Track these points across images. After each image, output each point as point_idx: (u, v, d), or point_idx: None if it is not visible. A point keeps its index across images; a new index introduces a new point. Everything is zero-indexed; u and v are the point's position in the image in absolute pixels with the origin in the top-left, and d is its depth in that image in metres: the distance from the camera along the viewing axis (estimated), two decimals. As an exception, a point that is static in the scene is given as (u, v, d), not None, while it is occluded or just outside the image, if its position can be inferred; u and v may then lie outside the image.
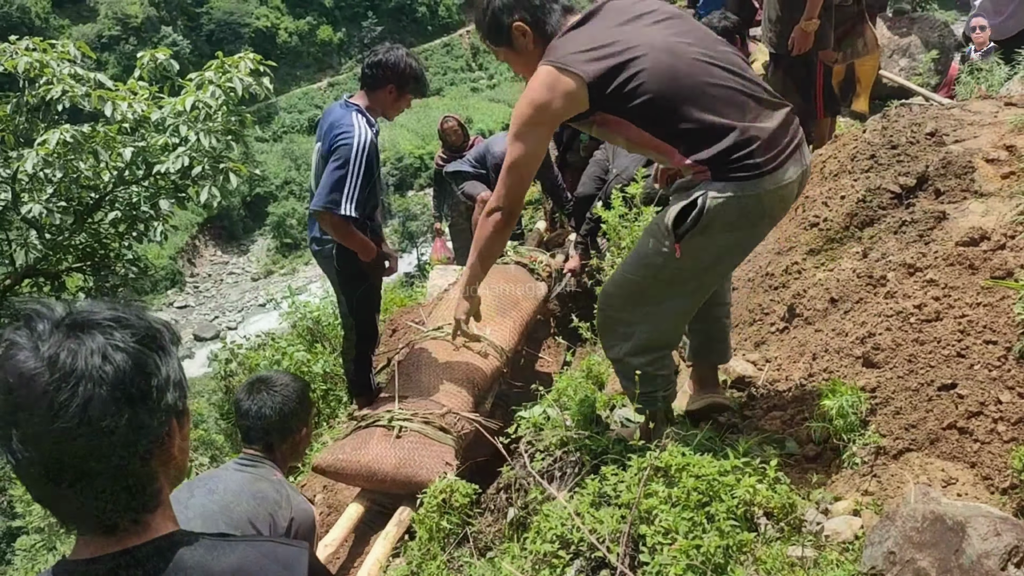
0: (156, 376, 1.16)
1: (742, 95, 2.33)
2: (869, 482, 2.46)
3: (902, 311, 2.75)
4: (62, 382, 1.08)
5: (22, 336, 1.12)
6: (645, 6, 2.45)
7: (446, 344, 4.27)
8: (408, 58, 3.90)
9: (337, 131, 3.78)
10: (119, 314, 1.17)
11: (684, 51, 2.32)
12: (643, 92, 2.28)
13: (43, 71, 5.95)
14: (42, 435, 1.08)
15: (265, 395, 2.65)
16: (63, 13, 61.28)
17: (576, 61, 2.31)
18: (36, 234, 6.48)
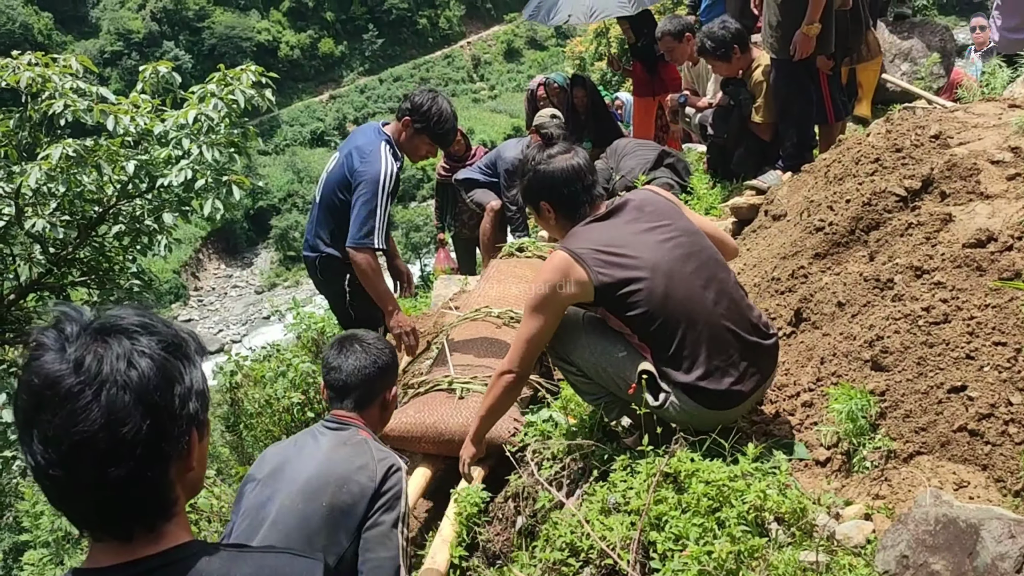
0: (179, 384, 1.16)
1: (728, 332, 2.57)
2: (880, 486, 2.45)
3: (910, 314, 2.73)
4: (86, 385, 1.08)
5: (49, 338, 1.12)
6: (662, 216, 2.69)
7: (488, 323, 4.31)
8: (439, 101, 3.94)
9: (362, 159, 3.82)
10: (146, 320, 1.18)
11: (684, 280, 2.57)
12: (640, 308, 2.54)
13: (45, 86, 5.96)
14: (63, 437, 1.07)
15: (359, 347, 2.61)
16: (66, 29, 61.61)
17: (590, 259, 2.57)
18: (40, 248, 6.48)
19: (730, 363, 2.57)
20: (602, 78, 19.18)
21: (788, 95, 4.73)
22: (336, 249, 4.02)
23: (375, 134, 3.94)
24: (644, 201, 2.74)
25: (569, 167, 2.71)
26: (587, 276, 2.55)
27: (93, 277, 6.96)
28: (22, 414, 1.12)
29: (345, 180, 3.88)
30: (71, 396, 1.08)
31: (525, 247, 5.35)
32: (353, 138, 4.05)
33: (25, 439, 1.11)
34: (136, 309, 1.21)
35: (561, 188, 2.72)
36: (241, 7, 67.66)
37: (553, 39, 77.38)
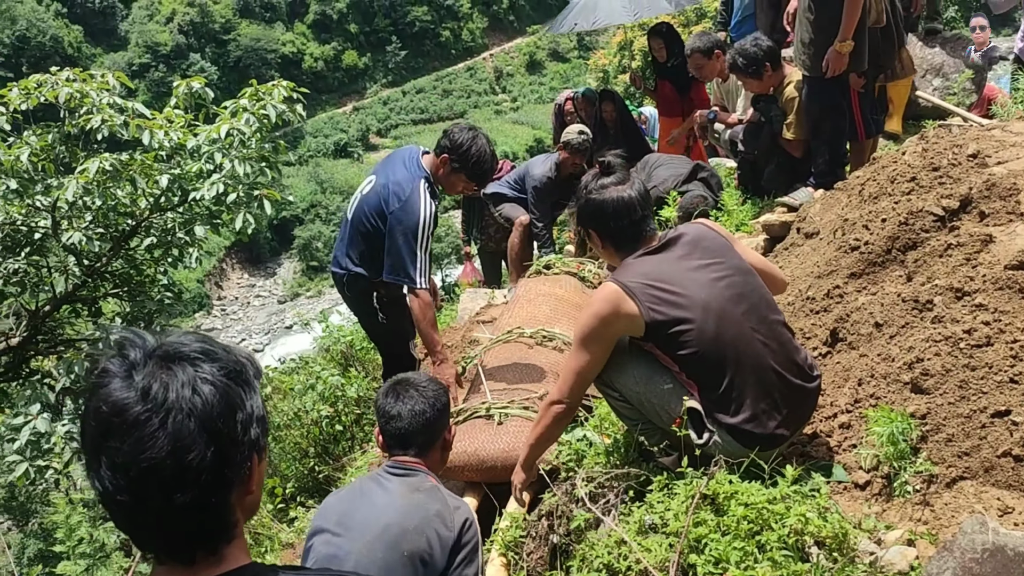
0: (241, 411, 1.18)
1: (775, 376, 2.57)
2: (922, 511, 2.42)
3: (951, 336, 2.71)
4: (153, 413, 1.10)
5: (115, 364, 1.15)
6: (715, 253, 2.68)
7: (520, 344, 4.34)
8: (478, 140, 3.94)
9: (401, 199, 3.85)
10: (207, 347, 1.20)
11: (735, 321, 2.56)
12: (689, 348, 2.53)
13: (83, 101, 6.06)
14: (131, 464, 1.10)
15: (415, 393, 2.59)
16: (95, 42, 62.53)
17: (641, 294, 2.55)
18: (75, 260, 6.57)
19: (775, 407, 2.56)
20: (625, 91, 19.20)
21: (820, 112, 4.71)
22: (364, 269, 4.08)
23: (415, 168, 3.95)
24: (698, 236, 2.72)
25: (619, 199, 2.69)
26: (638, 311, 2.54)
27: (125, 289, 7.04)
28: (90, 440, 1.14)
29: (380, 210, 3.91)
30: (138, 424, 1.10)
31: (553, 264, 5.36)
32: (392, 167, 4.06)
33: (93, 465, 1.13)
34: (196, 335, 1.23)
35: (609, 220, 2.71)
36: (266, 20, 68.38)
37: (575, 51, 77.60)
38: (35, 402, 5.94)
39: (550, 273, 5.28)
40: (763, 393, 2.54)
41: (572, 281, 5.17)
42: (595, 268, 5.62)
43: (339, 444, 5.56)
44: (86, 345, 6.34)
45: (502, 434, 3.58)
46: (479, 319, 5.96)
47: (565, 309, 4.72)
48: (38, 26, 57.33)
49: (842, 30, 4.48)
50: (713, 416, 2.57)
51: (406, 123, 69.17)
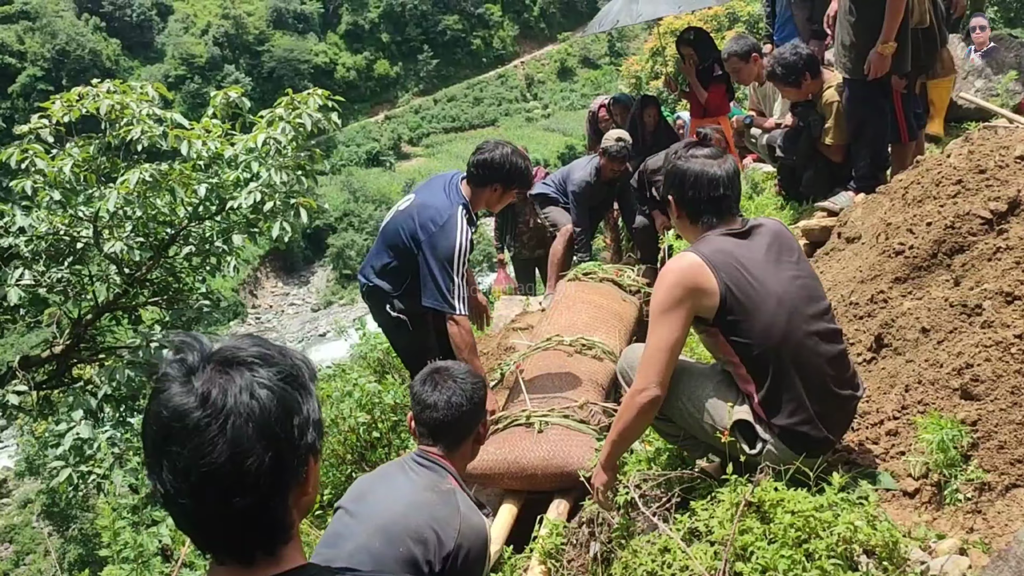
0: (298, 415, 1.19)
1: (831, 381, 2.53)
2: (974, 519, 2.37)
3: (1001, 341, 2.65)
4: (212, 418, 1.12)
5: (174, 369, 1.17)
6: (792, 251, 2.64)
7: (559, 352, 4.32)
8: (513, 156, 3.92)
9: (437, 225, 3.81)
10: (264, 351, 1.21)
11: (803, 321, 2.51)
12: (756, 338, 2.48)
13: (123, 112, 6.16)
14: (191, 469, 1.11)
15: (452, 384, 2.51)
16: (132, 55, 63.69)
17: (723, 267, 2.48)
18: (115, 269, 6.67)
19: (827, 411, 2.53)
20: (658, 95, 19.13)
21: (862, 115, 4.64)
22: (385, 282, 4.05)
23: (454, 195, 3.93)
24: (778, 231, 2.67)
25: (703, 171, 2.61)
26: (716, 283, 2.46)
27: (164, 297, 7.14)
28: (151, 444, 1.16)
29: (413, 231, 3.88)
30: (199, 429, 1.11)
31: (592, 271, 5.34)
32: (431, 192, 4.04)
33: (154, 468, 1.15)
34: (253, 339, 1.24)
35: (687, 189, 2.63)
36: (299, 31, 69.19)
37: (606, 57, 77.58)
38: (77, 408, 6.04)
39: (588, 280, 5.25)
40: (817, 397, 2.50)
41: (611, 288, 5.15)
42: (634, 275, 5.59)
43: (376, 451, 5.57)
44: (127, 353, 6.42)
45: (542, 442, 3.56)
46: (515, 326, 5.95)
47: (604, 317, 4.69)
48: (77, 40, 58.55)
49: (884, 31, 4.42)
50: (766, 419, 2.53)
51: (438, 131, 69.58)
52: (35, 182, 6.02)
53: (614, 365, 4.38)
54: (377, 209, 55.25)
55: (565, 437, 3.61)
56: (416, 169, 61.39)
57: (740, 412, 2.56)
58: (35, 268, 6.45)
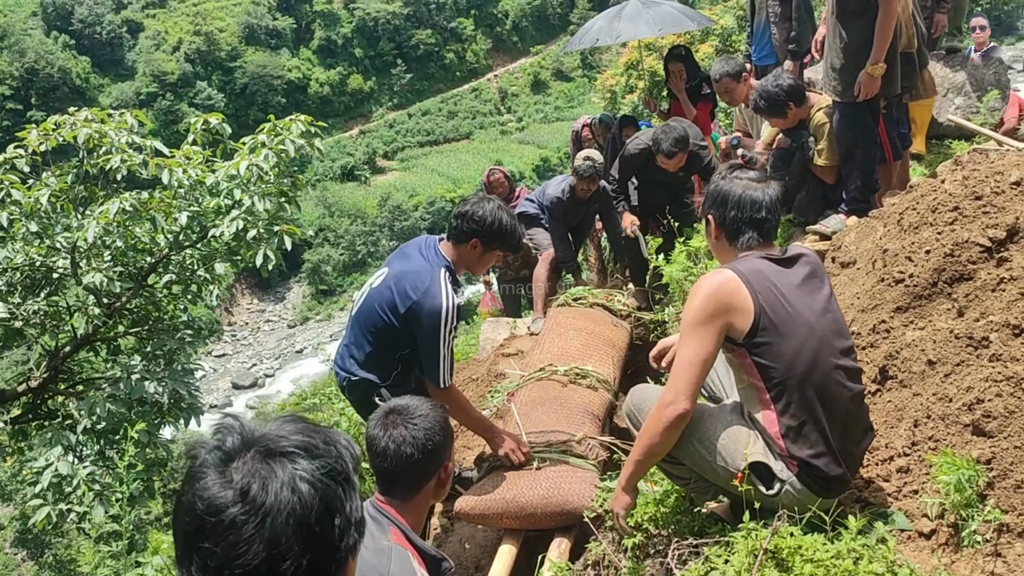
0: (340, 515, 1.12)
1: (851, 418, 2.53)
2: (995, 563, 2.33)
3: (1012, 376, 2.62)
4: (251, 516, 1.05)
5: (213, 456, 1.10)
6: (824, 283, 2.63)
7: (554, 382, 4.25)
8: (499, 212, 3.56)
9: (420, 291, 3.43)
10: (308, 440, 1.14)
11: (831, 353, 2.49)
12: (783, 364, 2.44)
13: (102, 141, 6.04)
14: (223, 567, 1.05)
15: (403, 431, 2.31)
16: (103, 72, 63.11)
17: (759, 287, 2.45)
18: (94, 300, 6.53)
19: (847, 449, 2.51)
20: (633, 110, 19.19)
21: (853, 138, 4.63)
22: (372, 374, 3.60)
23: (432, 256, 3.57)
24: (816, 263, 2.66)
25: (747, 194, 2.59)
26: (751, 302, 2.43)
27: (144, 327, 7.00)
28: (182, 536, 1.09)
29: (393, 304, 3.49)
30: (235, 526, 1.04)
31: (582, 295, 5.29)
32: (406, 259, 3.64)
33: (183, 561, 1.08)
34: (296, 424, 1.17)
35: (729, 208, 2.61)
36: (272, 46, 68.93)
37: (579, 70, 77.97)
38: (56, 445, 5.89)
39: (578, 305, 5.20)
40: (839, 433, 2.48)
41: (602, 314, 5.10)
42: (624, 299, 5.55)
43: (365, 483, 5.48)
44: (107, 385, 6.27)
45: (541, 479, 3.50)
46: (504, 351, 5.89)
47: (597, 344, 4.64)
48: (46, 58, 57.92)
49: (874, 53, 4.42)
50: (786, 451, 2.49)
51: (412, 145, 69.54)
52: (11, 213, 5.88)
53: (608, 395, 4.34)
54: (353, 224, 55.08)
55: (564, 474, 3.54)
56: (391, 183, 61.29)
57: (756, 452, 2.50)
58: (10, 300, 6.30)
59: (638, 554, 2.91)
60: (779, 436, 2.50)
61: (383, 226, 55.28)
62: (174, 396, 6.31)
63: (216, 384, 44.43)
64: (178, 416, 6.54)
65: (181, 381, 6.32)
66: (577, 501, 3.35)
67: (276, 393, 38.14)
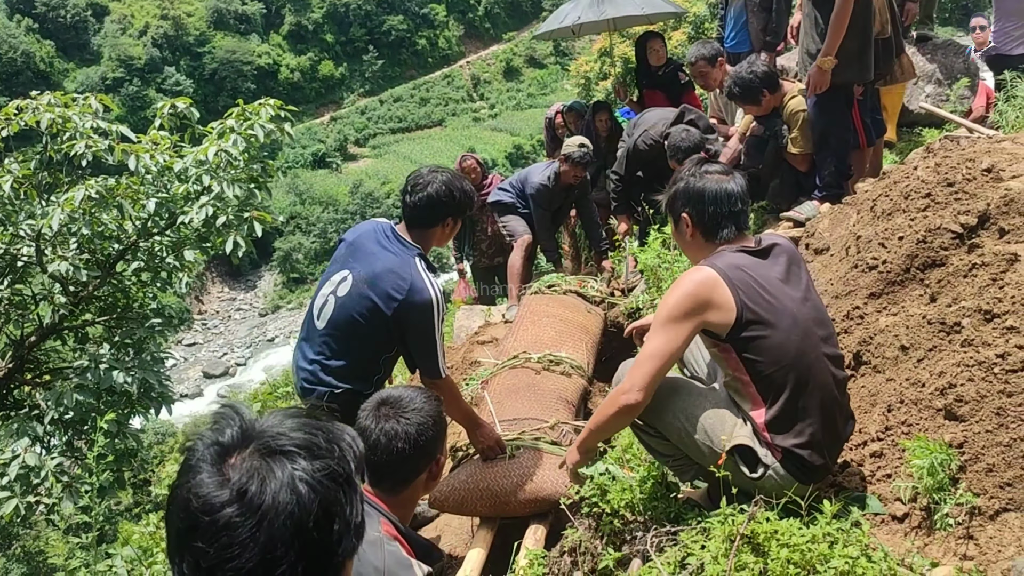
0: (339, 519, 1.08)
1: (833, 406, 2.53)
2: (967, 545, 2.35)
3: (984, 360, 2.64)
4: (247, 518, 1.01)
5: (211, 450, 1.06)
6: (803, 272, 2.64)
7: (527, 369, 4.24)
8: (455, 181, 3.43)
9: (405, 290, 3.24)
10: (310, 438, 1.10)
11: (815, 343, 2.50)
12: (769, 356, 2.45)
13: (66, 126, 5.91)
14: (215, 568, 1.01)
15: (395, 424, 2.26)
16: (67, 57, 61.96)
17: (740, 283, 2.45)
18: (60, 288, 6.41)
19: (829, 437, 2.52)
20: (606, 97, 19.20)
21: (826, 125, 4.65)
22: (353, 384, 3.37)
23: (398, 248, 3.36)
24: (791, 251, 2.67)
25: (721, 188, 2.61)
26: (733, 299, 2.44)
27: (113, 315, 6.88)
28: (175, 533, 1.05)
29: (376, 310, 3.27)
30: (230, 527, 1.01)
31: (556, 283, 5.27)
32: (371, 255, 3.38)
33: (175, 557, 1.05)
34: (298, 420, 1.13)
35: (707, 205, 2.62)
36: (241, 32, 68.09)
37: (552, 57, 77.82)
38: (22, 436, 5.79)
39: (552, 292, 5.18)
40: (821, 421, 2.49)
41: (576, 300, 5.09)
42: (597, 285, 5.54)
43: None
44: (74, 375, 6.16)
45: (515, 468, 3.49)
46: (478, 339, 5.86)
47: (571, 331, 4.63)
48: (9, 42, 56.77)
49: (826, 46, 4.42)
50: (770, 441, 2.50)
51: (384, 132, 69.13)
52: (-28, 201, 5.75)
53: (582, 380, 4.34)
54: (324, 211, 54.68)
55: (538, 461, 3.54)
56: (363, 170, 60.92)
57: (741, 435, 2.51)
58: (-28, 289, 6.17)
59: (614, 540, 2.91)
60: (764, 427, 2.52)
61: (355, 213, 54.90)
62: (144, 385, 6.21)
63: (187, 373, 44.02)
64: (148, 405, 6.44)
65: (151, 370, 6.22)
66: (551, 488, 3.35)
67: (248, 382, 37.83)
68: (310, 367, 3.42)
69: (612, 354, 5.10)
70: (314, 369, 3.41)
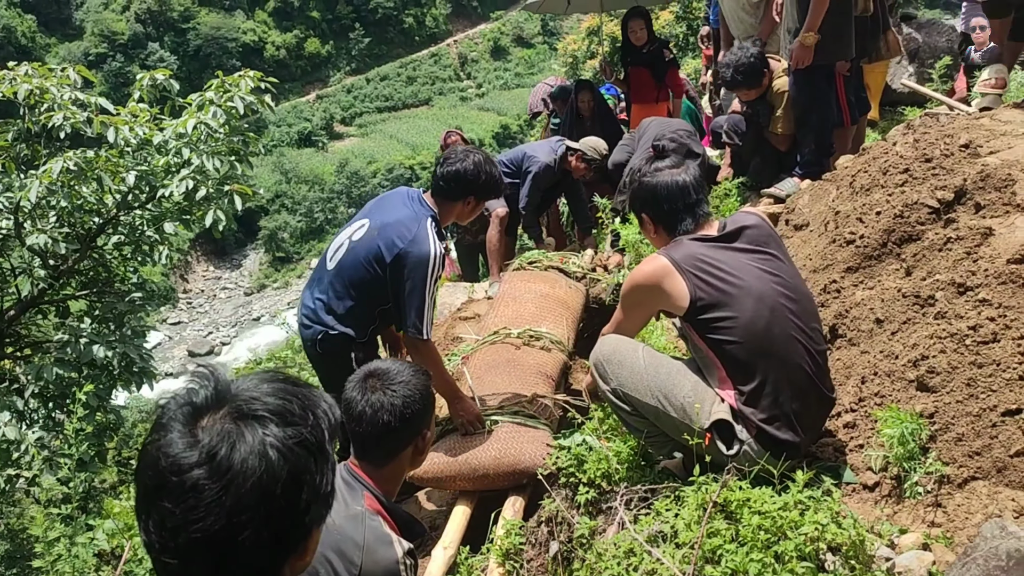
0: (308, 487, 1.08)
1: (808, 380, 2.53)
2: (935, 513, 2.39)
3: (956, 332, 2.67)
4: (214, 480, 1.00)
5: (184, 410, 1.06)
6: (772, 248, 2.64)
7: (507, 345, 4.26)
8: (487, 165, 3.53)
9: (407, 239, 3.36)
10: (284, 404, 1.09)
11: (785, 319, 2.51)
12: (735, 335, 2.49)
13: (44, 97, 5.84)
14: (180, 530, 1.01)
15: (381, 396, 2.22)
16: (49, 32, 61.10)
17: (692, 271, 2.52)
18: (40, 262, 6.36)
19: (805, 411, 2.54)
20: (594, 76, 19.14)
21: (807, 102, 4.66)
22: (351, 328, 3.51)
23: (418, 207, 3.49)
24: (758, 227, 2.68)
25: (673, 183, 2.67)
26: (685, 288, 2.50)
27: (93, 289, 6.84)
28: (143, 491, 1.05)
29: (380, 255, 3.40)
30: (196, 489, 1.00)
31: (537, 259, 5.28)
32: (390, 209, 3.55)
33: (142, 515, 1.05)
34: (274, 385, 1.12)
35: (662, 203, 2.69)
36: (226, 8, 67.22)
37: (539, 36, 77.37)
38: (2, 410, 5.76)
39: (533, 268, 5.19)
40: (795, 396, 2.51)
41: (557, 276, 5.10)
42: (579, 261, 5.55)
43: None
44: (54, 349, 6.13)
45: (493, 441, 3.50)
46: (460, 315, 5.86)
47: (551, 306, 4.64)
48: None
49: (808, 21, 4.42)
50: (743, 413, 2.52)
51: (371, 111, 68.58)
52: (-51, 172, 5.69)
53: (563, 355, 4.35)
54: (310, 190, 54.36)
55: (516, 434, 3.55)
56: (349, 149, 60.46)
57: (719, 411, 2.53)
58: (-50, 262, 6.12)
59: (591, 510, 2.93)
60: (735, 401, 2.54)
61: (341, 193, 54.58)
62: (125, 360, 6.19)
63: (171, 352, 43.77)
64: (130, 380, 6.42)
65: (132, 344, 6.20)
66: (529, 460, 3.36)
67: (233, 361, 37.67)
68: (312, 305, 3.59)
69: (593, 330, 5.12)
70: (316, 307, 3.57)
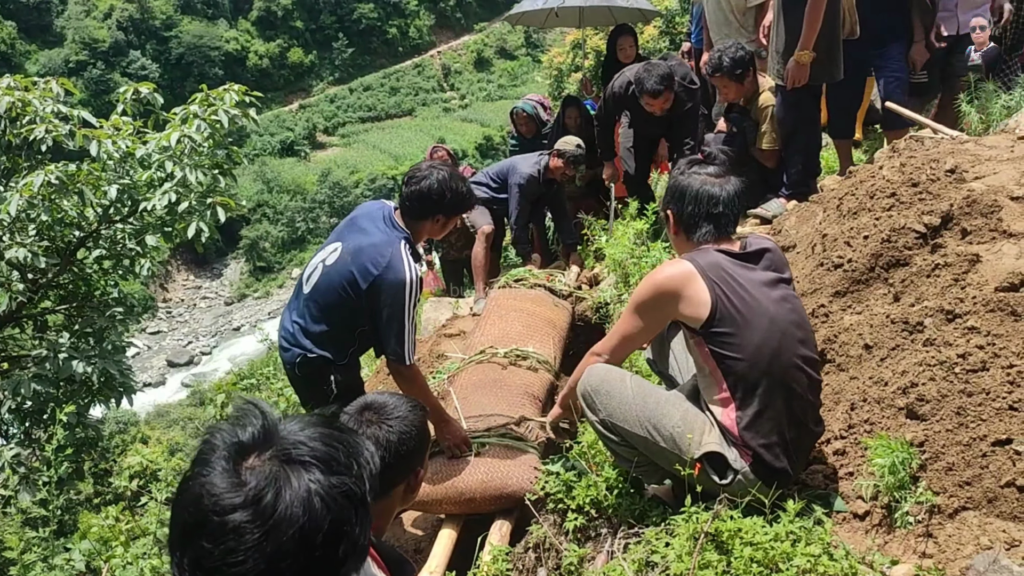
0: (347, 540, 1.05)
1: (806, 405, 2.54)
2: (926, 543, 2.38)
3: (945, 360, 2.67)
4: (257, 524, 0.98)
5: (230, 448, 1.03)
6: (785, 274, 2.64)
7: (494, 364, 4.23)
8: (452, 181, 3.48)
9: (381, 266, 3.32)
10: (330, 452, 1.07)
11: (792, 345, 2.50)
12: (743, 354, 2.46)
13: (25, 110, 5.78)
14: (216, 570, 0.98)
15: (377, 429, 2.20)
16: (30, 39, 60.63)
17: (717, 279, 2.47)
18: (18, 276, 6.27)
19: (796, 441, 2.53)
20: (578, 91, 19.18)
21: (794, 122, 4.68)
22: (327, 352, 3.48)
23: (390, 229, 3.45)
24: (775, 254, 2.67)
25: (704, 189, 2.62)
26: (708, 296, 2.45)
27: (73, 304, 6.75)
28: (180, 527, 1.02)
29: (354, 281, 3.36)
30: (238, 531, 0.98)
31: (523, 277, 5.26)
32: (360, 230, 3.50)
33: (176, 551, 1.02)
34: (320, 429, 1.10)
35: (686, 204, 2.65)
36: (209, 16, 67.08)
37: (523, 48, 77.65)
38: (-19, 426, 5.67)
39: (519, 286, 5.17)
40: (792, 424, 2.50)
41: (543, 294, 5.08)
42: (565, 279, 5.54)
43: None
44: (32, 364, 6.04)
45: (480, 464, 3.47)
46: (445, 332, 5.83)
47: (538, 325, 4.62)
48: (-31, 22, 55.38)
49: (802, 40, 4.44)
50: (740, 440, 2.50)
51: (354, 121, 68.55)
52: (-73, 185, 5.60)
53: (550, 375, 4.33)
54: (292, 200, 54.17)
55: (503, 457, 3.53)
56: (332, 159, 60.37)
57: (711, 442, 2.51)
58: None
59: (579, 537, 2.91)
60: (734, 424, 2.52)
61: (323, 202, 54.49)
62: (104, 375, 6.10)
63: (151, 362, 43.44)
64: (109, 395, 6.34)
65: (111, 360, 6.12)
66: (516, 484, 3.33)
67: (213, 371, 37.42)
68: (291, 328, 3.57)
69: (579, 348, 5.10)
70: (294, 331, 3.54)
